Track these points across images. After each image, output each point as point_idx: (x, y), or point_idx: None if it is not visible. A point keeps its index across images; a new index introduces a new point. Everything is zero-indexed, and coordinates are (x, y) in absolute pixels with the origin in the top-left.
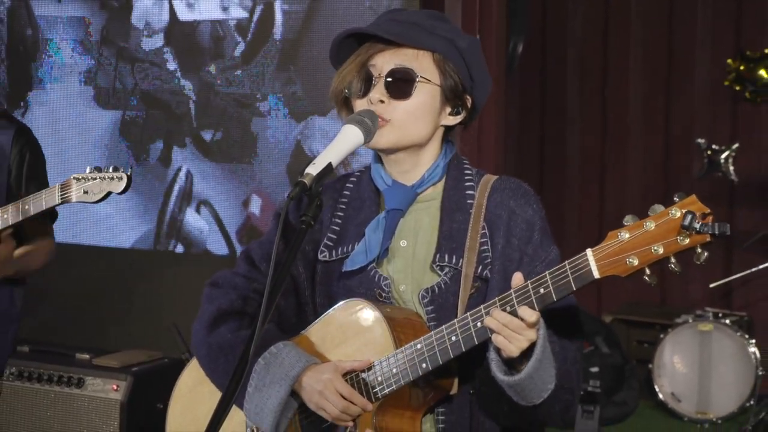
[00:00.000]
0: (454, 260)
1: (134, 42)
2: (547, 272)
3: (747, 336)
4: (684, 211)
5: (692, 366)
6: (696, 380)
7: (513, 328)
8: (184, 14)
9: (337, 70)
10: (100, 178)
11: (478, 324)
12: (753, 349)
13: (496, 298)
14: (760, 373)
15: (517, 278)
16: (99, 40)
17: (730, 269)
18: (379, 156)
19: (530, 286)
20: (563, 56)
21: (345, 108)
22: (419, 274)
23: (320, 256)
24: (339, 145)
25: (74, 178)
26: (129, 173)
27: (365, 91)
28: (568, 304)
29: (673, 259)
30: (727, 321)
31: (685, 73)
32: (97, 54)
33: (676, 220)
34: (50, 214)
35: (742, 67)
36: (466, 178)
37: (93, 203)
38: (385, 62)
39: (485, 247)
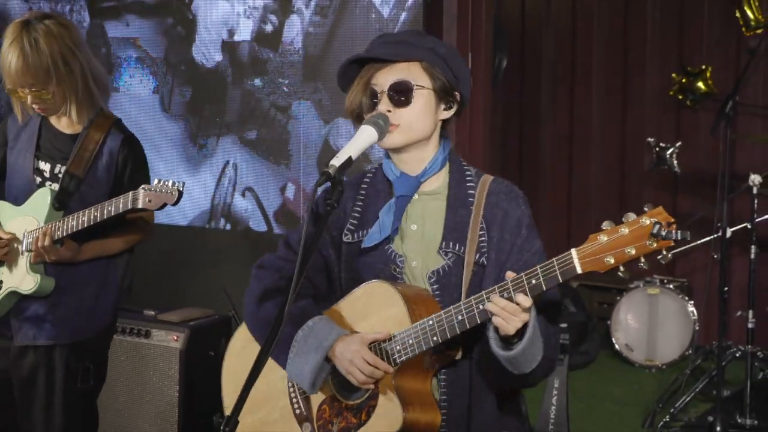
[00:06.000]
0: (457, 247)
1: (191, 60)
2: (538, 266)
3: (687, 298)
4: (653, 220)
5: (642, 322)
6: (645, 334)
7: (510, 312)
8: (227, 37)
9: (346, 92)
10: (160, 190)
11: (480, 306)
12: (692, 308)
13: (495, 287)
14: (697, 328)
15: (509, 274)
16: (162, 58)
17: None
18: (388, 153)
19: (524, 277)
20: (538, 71)
21: (359, 122)
22: (427, 254)
23: (344, 239)
24: (357, 142)
25: (143, 188)
26: (181, 188)
27: (373, 106)
28: (554, 297)
29: (642, 259)
30: (671, 286)
31: (638, 85)
32: (162, 70)
33: (646, 228)
34: None
35: (684, 80)
36: (467, 178)
37: (153, 210)
38: (384, 79)
39: (483, 239)
